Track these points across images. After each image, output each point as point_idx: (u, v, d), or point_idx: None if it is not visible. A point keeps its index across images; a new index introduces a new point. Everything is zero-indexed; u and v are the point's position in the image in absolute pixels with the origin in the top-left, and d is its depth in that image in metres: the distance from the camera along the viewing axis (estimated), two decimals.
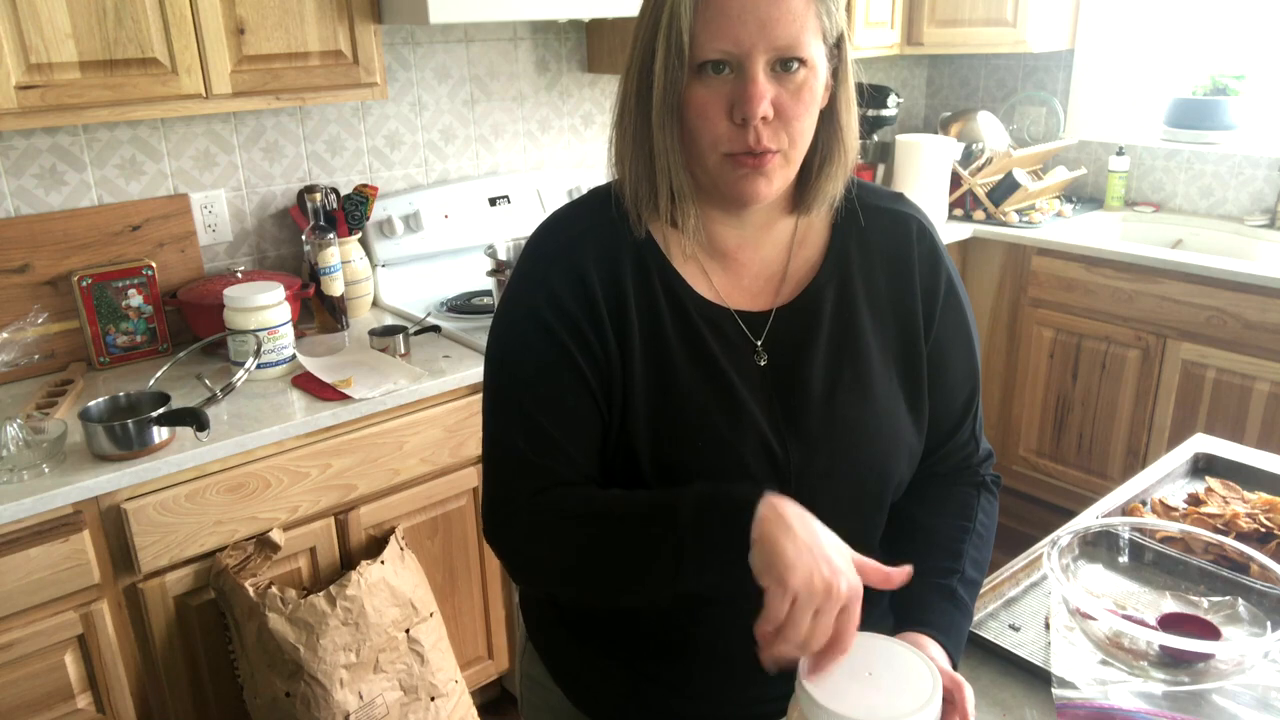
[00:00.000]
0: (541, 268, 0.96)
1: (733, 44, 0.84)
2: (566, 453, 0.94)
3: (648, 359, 0.94)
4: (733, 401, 0.94)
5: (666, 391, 0.94)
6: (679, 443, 0.94)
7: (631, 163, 0.93)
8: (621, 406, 0.94)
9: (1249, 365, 2.59)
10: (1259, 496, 1.29)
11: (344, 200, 2.23)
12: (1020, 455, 3.17)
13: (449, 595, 2.09)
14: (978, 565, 1.00)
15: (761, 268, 0.99)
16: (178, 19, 1.73)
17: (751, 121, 0.86)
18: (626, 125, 0.93)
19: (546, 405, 0.94)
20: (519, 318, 0.96)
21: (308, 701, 1.71)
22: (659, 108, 0.88)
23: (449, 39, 2.45)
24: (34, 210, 1.95)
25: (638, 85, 0.90)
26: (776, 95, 0.86)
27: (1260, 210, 3.00)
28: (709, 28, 0.84)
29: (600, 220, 0.97)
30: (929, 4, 3.13)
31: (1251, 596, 1.04)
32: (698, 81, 0.87)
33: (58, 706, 1.61)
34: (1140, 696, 0.95)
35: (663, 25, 0.86)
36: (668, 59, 0.86)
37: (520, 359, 0.96)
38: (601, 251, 0.95)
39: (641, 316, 0.94)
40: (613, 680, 1.07)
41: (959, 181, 3.12)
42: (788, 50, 0.85)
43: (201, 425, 1.62)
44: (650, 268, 0.95)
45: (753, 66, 0.85)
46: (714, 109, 0.87)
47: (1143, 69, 3.26)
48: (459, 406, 1.96)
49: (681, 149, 0.90)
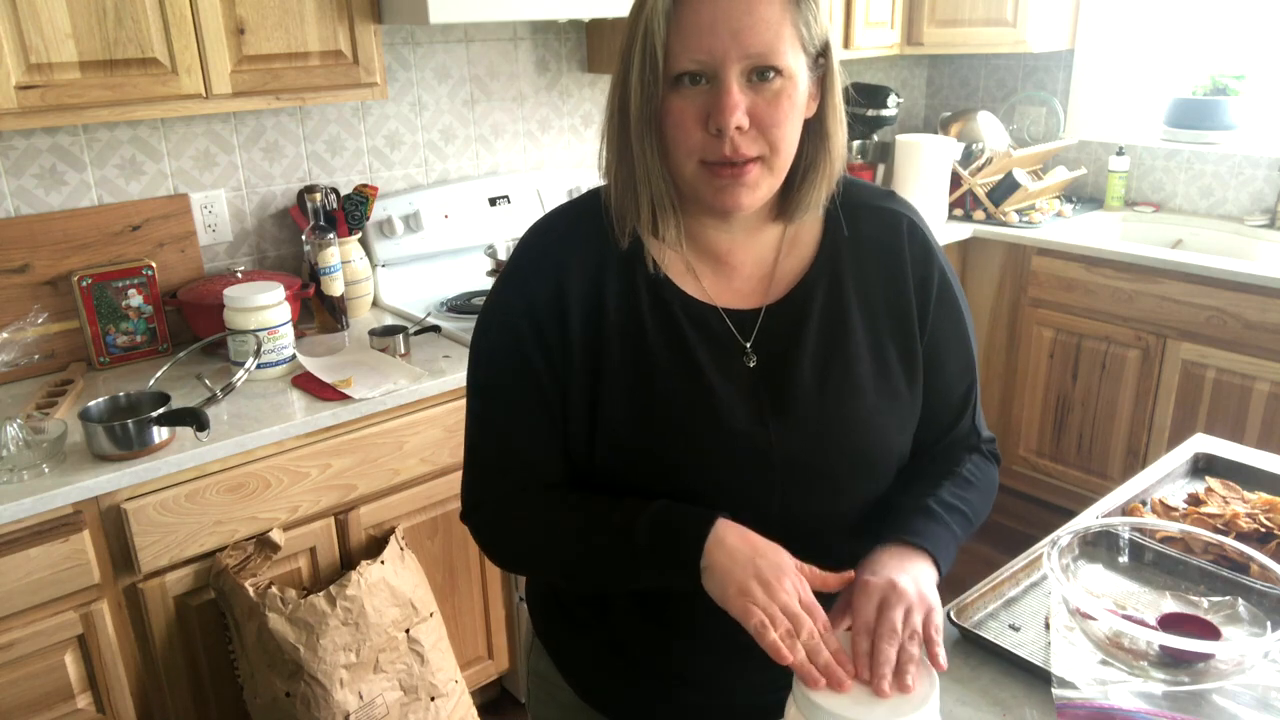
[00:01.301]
0: (521, 274, 0.99)
1: (706, 54, 0.85)
2: (528, 459, 0.99)
3: (626, 362, 0.95)
4: (714, 399, 0.95)
5: (647, 391, 0.95)
6: (662, 440, 0.95)
7: (616, 172, 0.95)
8: (590, 413, 0.96)
9: (1249, 365, 2.59)
10: (1259, 496, 1.29)
11: (344, 200, 2.23)
12: (1020, 455, 3.17)
13: (449, 595, 2.09)
14: (958, 496, 1.00)
15: (753, 269, 1.00)
16: (178, 19, 1.73)
17: (726, 132, 0.86)
18: (611, 136, 0.94)
19: (511, 412, 0.99)
20: (493, 323, 1.01)
21: (308, 701, 1.71)
22: (636, 119, 0.89)
23: (449, 39, 2.45)
24: (34, 210, 1.95)
25: (619, 97, 0.91)
26: (752, 104, 0.87)
27: (1260, 210, 3.00)
28: (683, 39, 0.86)
29: (588, 224, 0.98)
30: (929, 4, 3.13)
31: (1251, 596, 1.04)
32: (674, 93, 0.88)
33: (58, 706, 1.61)
34: (1140, 696, 0.95)
35: (639, 38, 0.87)
36: (643, 71, 0.87)
37: (491, 365, 1.00)
38: (585, 256, 0.97)
39: (621, 320, 0.96)
40: (619, 674, 1.07)
41: (959, 181, 3.12)
42: (761, 59, 0.86)
43: (201, 425, 1.62)
44: (636, 270, 0.97)
45: (727, 76, 0.86)
46: (690, 119, 0.88)
47: (1143, 69, 3.26)
48: (459, 406, 1.96)
49: (661, 160, 0.91)
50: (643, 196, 0.93)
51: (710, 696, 1.05)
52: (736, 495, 0.95)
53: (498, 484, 1.02)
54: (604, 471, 0.97)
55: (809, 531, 0.98)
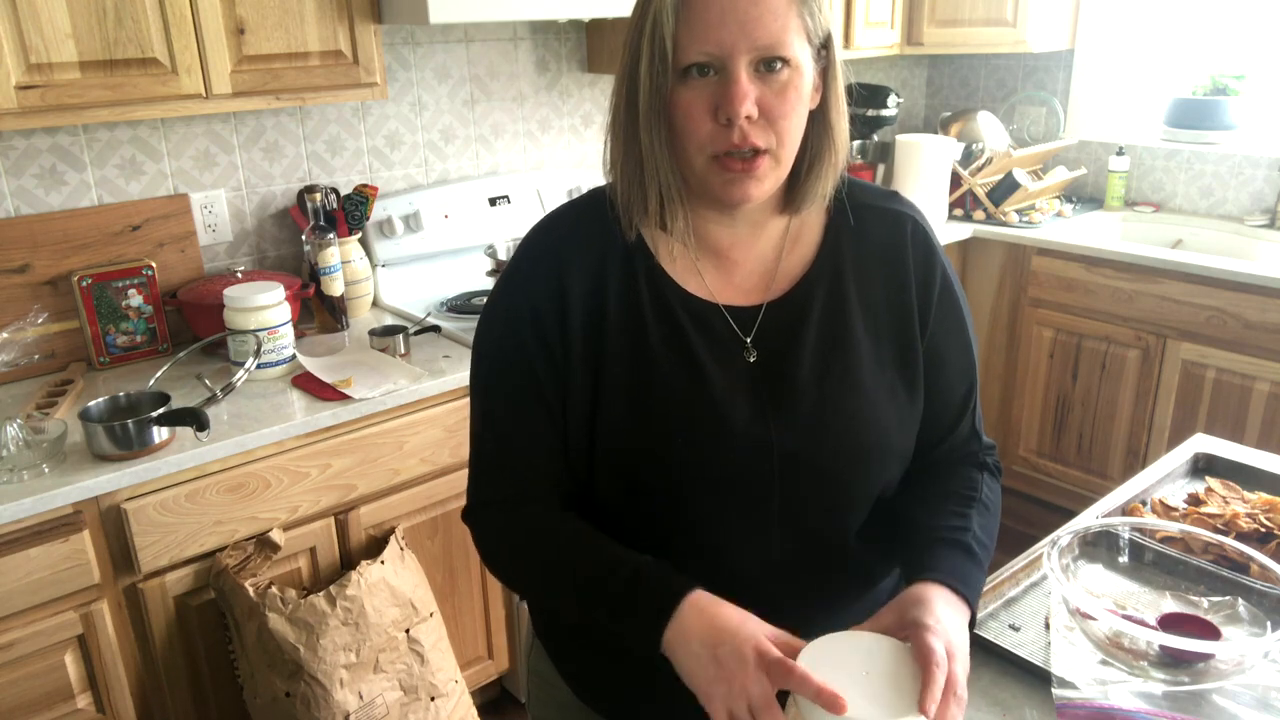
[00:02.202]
0: (523, 274, 0.99)
1: (715, 46, 0.86)
2: (530, 459, 0.99)
3: (626, 360, 0.96)
4: (714, 397, 0.95)
5: (646, 388, 0.95)
6: (662, 436, 0.95)
7: (622, 166, 0.95)
8: (590, 412, 0.96)
9: (1249, 365, 2.59)
10: (1259, 496, 1.29)
11: (344, 200, 2.23)
12: (1020, 455, 3.17)
13: (449, 595, 2.09)
14: (986, 531, 0.99)
15: (755, 265, 1.00)
16: (178, 19, 1.73)
17: (736, 121, 0.87)
18: (618, 130, 0.95)
19: (512, 413, 0.98)
20: (496, 323, 1.01)
21: (308, 701, 1.71)
22: (645, 112, 0.90)
23: (449, 39, 2.45)
24: (34, 210, 1.95)
25: (626, 90, 0.92)
26: (761, 95, 0.88)
27: (1260, 210, 3.00)
28: (691, 31, 0.86)
29: (589, 223, 0.99)
30: (929, 4, 3.13)
31: (1251, 596, 1.04)
32: (683, 85, 0.88)
33: (58, 706, 1.61)
34: (1140, 696, 0.95)
35: (646, 31, 0.88)
36: (652, 64, 0.88)
37: (493, 365, 1.00)
38: (587, 255, 0.97)
39: (622, 319, 0.96)
40: (617, 674, 1.07)
41: (959, 181, 3.12)
42: (769, 50, 0.87)
43: (201, 425, 1.62)
44: (638, 268, 0.97)
45: (735, 67, 0.87)
46: (699, 111, 0.88)
47: (1143, 69, 3.26)
48: (459, 406, 1.96)
49: (670, 152, 0.92)
50: (650, 189, 0.93)
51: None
52: (736, 491, 0.95)
53: (500, 484, 1.02)
54: (605, 469, 0.97)
55: (809, 529, 0.98)
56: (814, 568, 1.00)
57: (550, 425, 0.98)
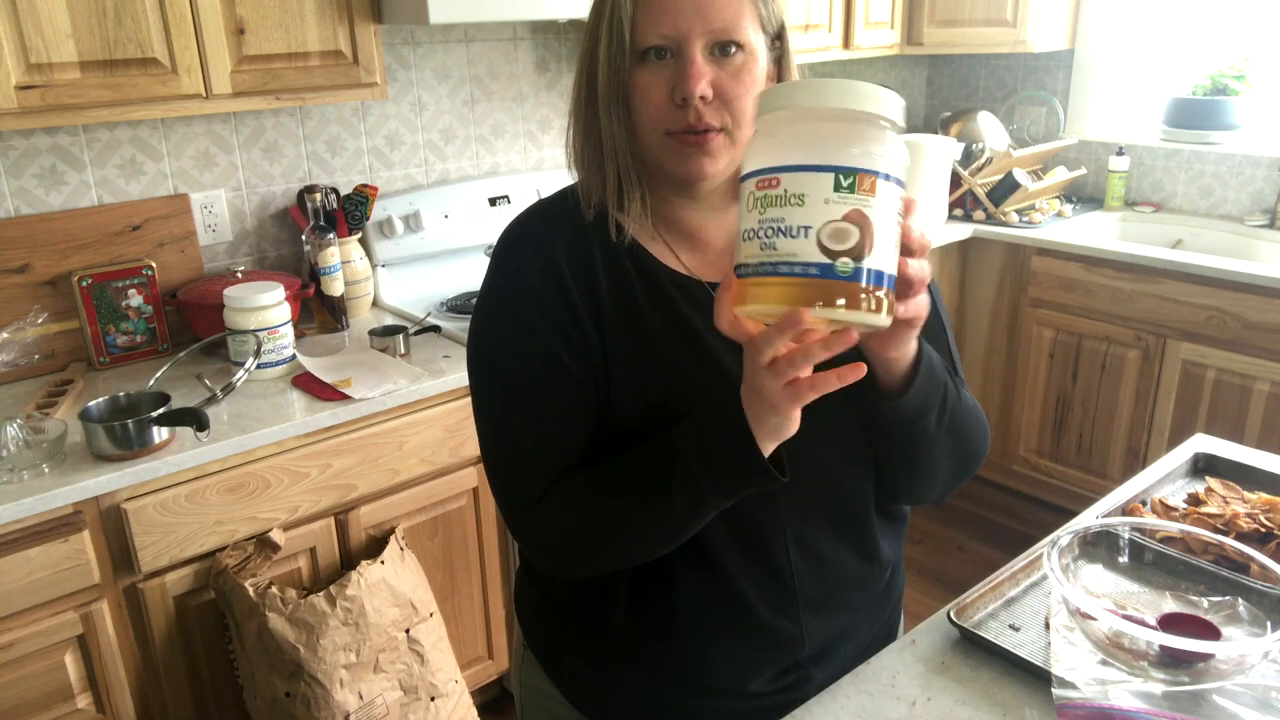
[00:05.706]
0: (511, 262, 0.99)
1: (671, 29, 0.89)
2: (564, 441, 0.96)
3: (624, 331, 0.96)
4: (715, 363, 0.95)
5: (648, 358, 0.96)
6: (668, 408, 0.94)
7: (583, 152, 0.97)
8: (605, 380, 0.96)
9: (1249, 365, 2.59)
10: (1259, 496, 1.29)
11: (344, 200, 2.23)
12: (1020, 455, 3.17)
13: (449, 595, 2.09)
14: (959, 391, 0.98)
15: (726, 243, 1.01)
16: (178, 19, 1.73)
17: (691, 101, 0.89)
18: (579, 115, 0.97)
19: (539, 396, 0.96)
20: (496, 310, 0.99)
21: (308, 701, 1.71)
22: (604, 95, 0.92)
23: (449, 39, 2.45)
24: (34, 210, 1.95)
25: (587, 76, 0.94)
26: (716, 77, 0.90)
27: (1260, 210, 3.00)
28: (648, 16, 0.89)
29: (563, 211, 1.00)
30: (929, 4, 3.13)
31: (1251, 596, 1.04)
32: (641, 68, 0.91)
33: (58, 706, 1.61)
34: (1140, 696, 0.95)
35: (606, 16, 0.91)
36: (610, 49, 0.91)
37: (505, 353, 0.98)
38: (568, 237, 0.98)
39: (613, 292, 0.97)
40: (611, 680, 1.07)
41: (959, 181, 3.12)
42: (724, 34, 0.89)
43: (201, 425, 1.62)
44: (618, 247, 0.98)
45: (691, 50, 0.89)
46: (656, 91, 0.91)
47: (1143, 69, 3.26)
48: (459, 406, 1.96)
49: (628, 135, 0.94)
50: (609, 170, 0.95)
51: (705, 701, 1.05)
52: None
53: (546, 470, 0.97)
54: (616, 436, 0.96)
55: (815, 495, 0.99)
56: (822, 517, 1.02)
57: (580, 395, 0.96)
